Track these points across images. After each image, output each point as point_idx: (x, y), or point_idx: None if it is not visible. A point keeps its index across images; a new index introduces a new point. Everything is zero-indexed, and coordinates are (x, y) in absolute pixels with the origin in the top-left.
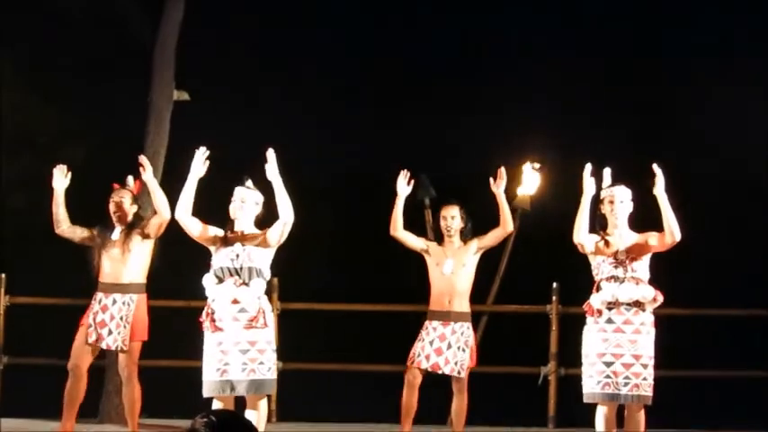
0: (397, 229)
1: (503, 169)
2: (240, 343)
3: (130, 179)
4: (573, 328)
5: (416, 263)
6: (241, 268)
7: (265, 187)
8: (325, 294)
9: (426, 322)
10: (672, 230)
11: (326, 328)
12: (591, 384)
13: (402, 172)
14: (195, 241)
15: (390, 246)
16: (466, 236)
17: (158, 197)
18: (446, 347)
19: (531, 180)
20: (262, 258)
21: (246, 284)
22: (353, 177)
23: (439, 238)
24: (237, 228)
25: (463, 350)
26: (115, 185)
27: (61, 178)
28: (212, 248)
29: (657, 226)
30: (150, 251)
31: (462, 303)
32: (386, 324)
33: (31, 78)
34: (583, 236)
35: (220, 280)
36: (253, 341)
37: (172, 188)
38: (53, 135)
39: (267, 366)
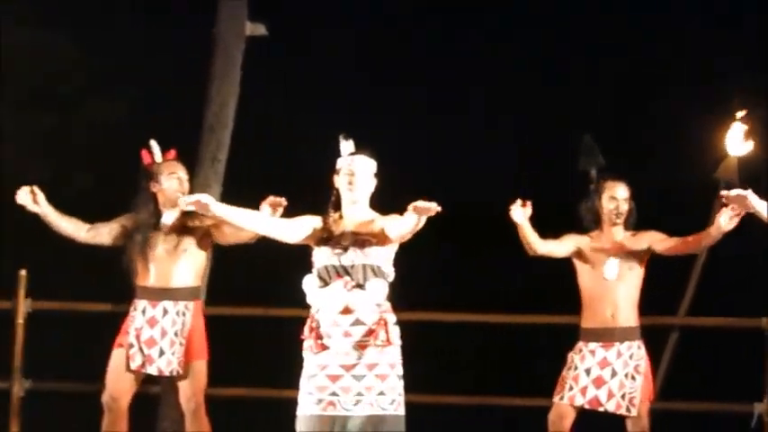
0: (536, 249)
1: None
2: (354, 366)
3: (155, 147)
4: None
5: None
6: (352, 266)
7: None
8: (443, 301)
9: (580, 344)
10: None
11: (444, 348)
12: None
13: (517, 201)
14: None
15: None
16: (632, 224)
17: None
18: (609, 375)
19: (738, 137)
20: (380, 252)
21: (361, 287)
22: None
23: (593, 225)
24: (347, 212)
25: (633, 378)
26: (146, 154)
27: (32, 200)
28: (313, 245)
29: None
30: (209, 247)
31: (630, 317)
32: (525, 341)
33: (48, 12)
34: None
35: (325, 283)
36: (371, 364)
37: (245, 156)
38: (82, 87)
39: (390, 398)
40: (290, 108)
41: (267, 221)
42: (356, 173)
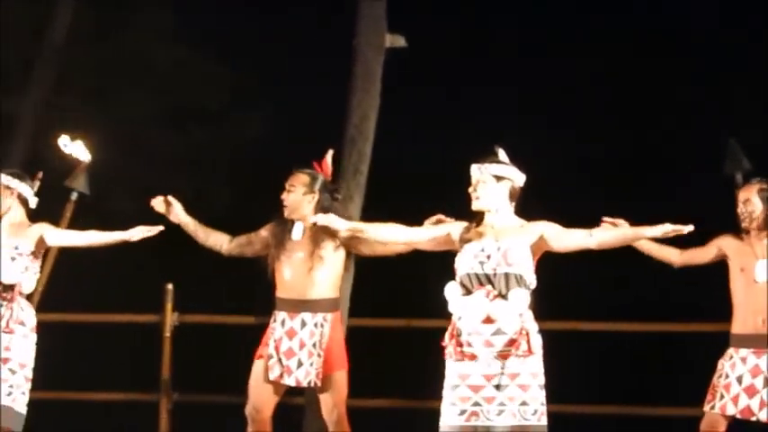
0: (674, 262)
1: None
2: (496, 376)
3: (326, 159)
4: None
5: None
6: (494, 274)
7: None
8: (581, 309)
9: (730, 350)
10: None
11: (589, 357)
12: None
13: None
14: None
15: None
16: None
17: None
18: (761, 384)
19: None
20: (524, 260)
21: (503, 296)
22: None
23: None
24: (488, 219)
25: None
26: (316, 165)
27: (169, 210)
28: (457, 251)
29: None
30: (344, 258)
31: None
32: (669, 350)
33: (194, 29)
34: None
35: (468, 291)
36: (513, 374)
37: (386, 167)
38: (226, 103)
39: (533, 408)
40: (431, 120)
41: (400, 231)
42: (476, 182)
